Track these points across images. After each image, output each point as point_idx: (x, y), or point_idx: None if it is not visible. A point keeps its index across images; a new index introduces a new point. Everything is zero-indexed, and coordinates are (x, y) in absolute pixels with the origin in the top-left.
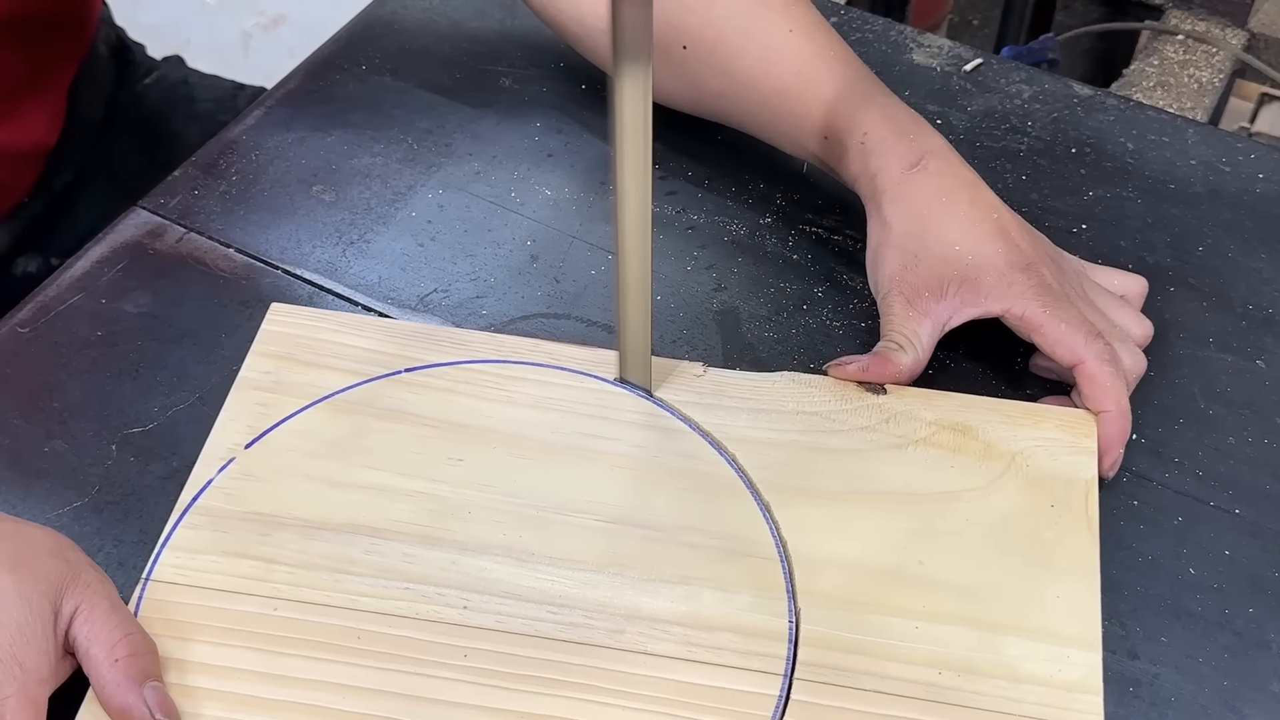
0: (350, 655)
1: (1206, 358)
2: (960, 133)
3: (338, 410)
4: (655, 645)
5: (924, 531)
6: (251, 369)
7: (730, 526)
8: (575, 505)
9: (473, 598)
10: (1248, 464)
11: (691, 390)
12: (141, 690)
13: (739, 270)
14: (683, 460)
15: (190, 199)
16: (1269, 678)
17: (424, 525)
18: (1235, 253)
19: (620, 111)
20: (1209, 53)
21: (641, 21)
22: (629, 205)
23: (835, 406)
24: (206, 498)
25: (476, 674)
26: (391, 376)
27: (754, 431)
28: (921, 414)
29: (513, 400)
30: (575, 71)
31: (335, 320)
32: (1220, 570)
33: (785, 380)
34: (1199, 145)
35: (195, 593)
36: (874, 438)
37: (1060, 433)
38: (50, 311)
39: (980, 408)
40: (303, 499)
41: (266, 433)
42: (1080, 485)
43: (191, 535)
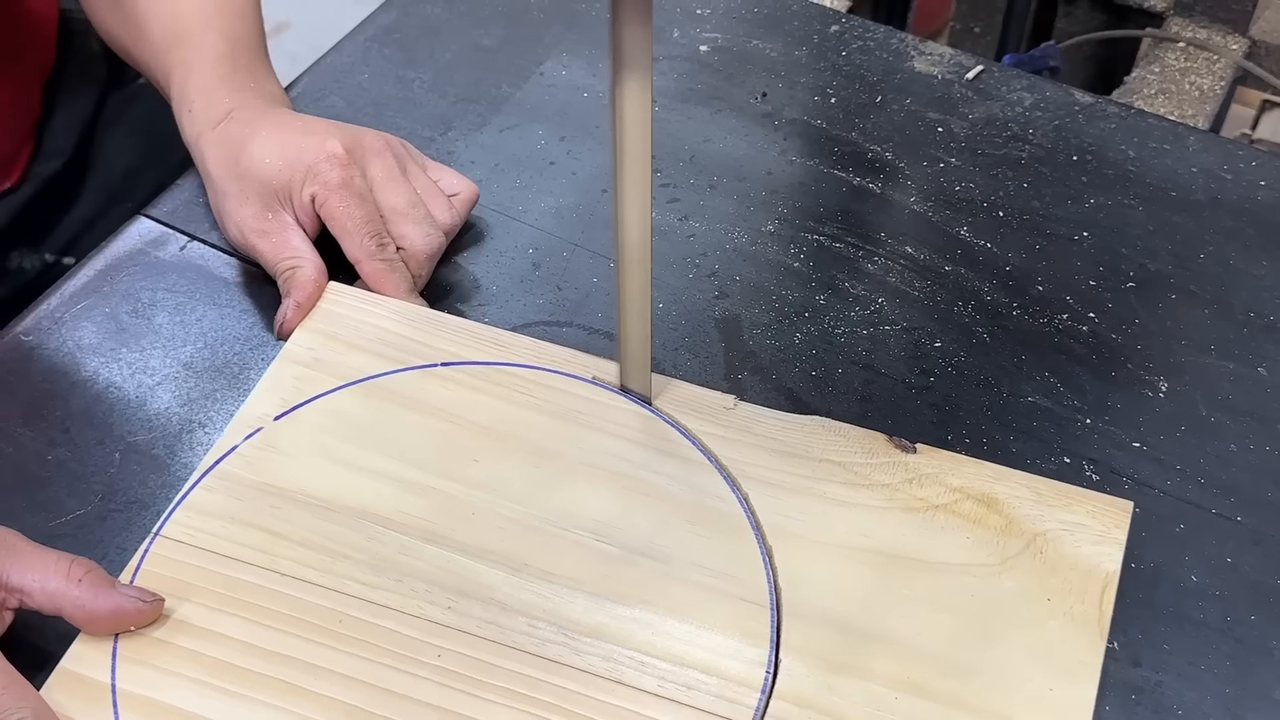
0: (330, 639)
1: (1208, 365)
2: (961, 140)
3: (369, 395)
4: (628, 675)
5: (925, 602)
6: (296, 343)
7: (729, 567)
8: (580, 523)
9: (459, 600)
10: (1250, 471)
11: (719, 423)
12: (117, 589)
13: (740, 278)
14: (695, 494)
15: (193, 208)
16: (1271, 685)
17: (428, 521)
18: (1237, 260)
19: (621, 121)
20: (1210, 60)
21: (641, 40)
22: (630, 213)
23: (860, 459)
24: (228, 463)
25: (446, 675)
26: (427, 369)
27: (773, 474)
28: (948, 479)
29: (540, 408)
30: (577, 80)
31: (386, 307)
32: (1222, 577)
33: (815, 425)
34: (1200, 153)
35: (198, 554)
36: (894, 497)
37: (1091, 519)
38: (53, 319)
39: (1011, 481)
40: (318, 477)
41: (297, 407)
42: (1099, 578)
43: (206, 498)
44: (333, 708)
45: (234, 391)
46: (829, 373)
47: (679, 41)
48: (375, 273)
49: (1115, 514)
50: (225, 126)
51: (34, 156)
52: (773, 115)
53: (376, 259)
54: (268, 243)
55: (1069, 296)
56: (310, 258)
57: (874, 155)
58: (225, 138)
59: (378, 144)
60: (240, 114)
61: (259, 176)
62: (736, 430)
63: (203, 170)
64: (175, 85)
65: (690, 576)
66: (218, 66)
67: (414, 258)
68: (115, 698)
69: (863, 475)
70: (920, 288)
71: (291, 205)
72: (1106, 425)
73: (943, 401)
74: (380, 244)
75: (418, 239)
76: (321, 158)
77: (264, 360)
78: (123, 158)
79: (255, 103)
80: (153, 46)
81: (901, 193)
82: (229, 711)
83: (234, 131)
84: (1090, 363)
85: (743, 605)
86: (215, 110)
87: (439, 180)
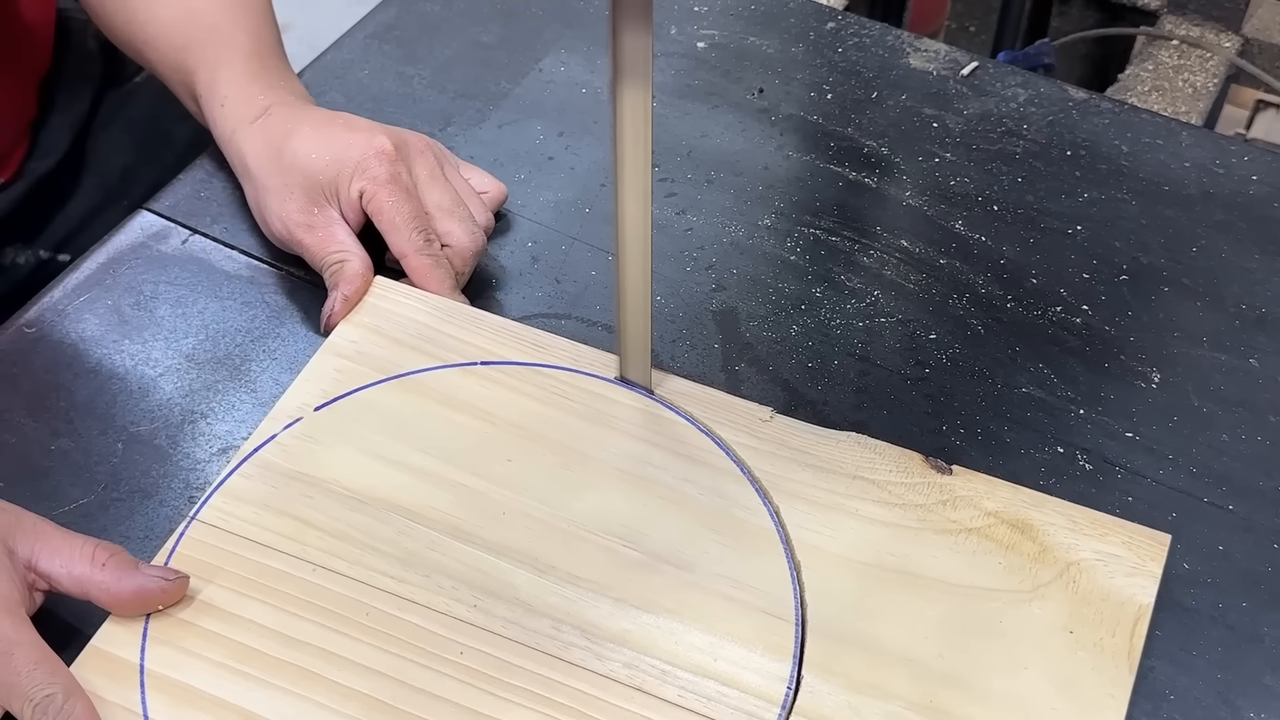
0: (354, 629)
1: (1200, 356)
2: (956, 136)
3: (408, 390)
4: (649, 684)
5: (951, 625)
6: (340, 335)
7: (755, 579)
8: (609, 527)
9: (484, 599)
10: (1241, 461)
11: (754, 434)
12: (141, 570)
13: (738, 271)
14: (726, 504)
15: (195, 201)
16: (1262, 671)
17: (458, 518)
18: (1229, 253)
19: (621, 122)
20: (1203, 58)
21: (642, 46)
22: (629, 207)
23: (895, 478)
24: (266, 451)
25: (467, 673)
26: (466, 366)
27: (805, 489)
28: (983, 502)
29: (575, 411)
30: (575, 76)
31: (430, 303)
32: (1214, 565)
33: (851, 441)
34: (1193, 147)
35: (231, 539)
36: (927, 518)
37: (1127, 550)
38: (56, 312)
39: (1047, 508)
40: (353, 469)
41: (337, 399)
42: (1132, 610)
43: (243, 484)
44: (352, 698)
45: (235, 383)
46: (825, 364)
47: (676, 38)
48: (421, 267)
49: (1151, 546)
50: (264, 122)
51: (29, 153)
52: (769, 111)
53: (423, 254)
54: (314, 237)
55: (1063, 289)
56: (357, 252)
57: (870, 150)
58: (265, 133)
59: (420, 144)
60: (278, 110)
61: (304, 171)
62: (771, 443)
63: (240, 165)
64: (201, 82)
65: (716, 587)
66: (247, 63)
67: (459, 255)
68: (143, 677)
69: (896, 494)
70: (915, 281)
71: (337, 200)
72: (1099, 416)
73: (937, 393)
74: (427, 239)
75: (463, 236)
76: (370, 154)
77: (265, 352)
78: (118, 155)
79: (291, 99)
80: (169, 44)
81: (897, 187)
82: (251, 696)
83: (274, 127)
84: (1083, 354)
85: (767, 619)
86: (252, 106)
87: (469, 179)
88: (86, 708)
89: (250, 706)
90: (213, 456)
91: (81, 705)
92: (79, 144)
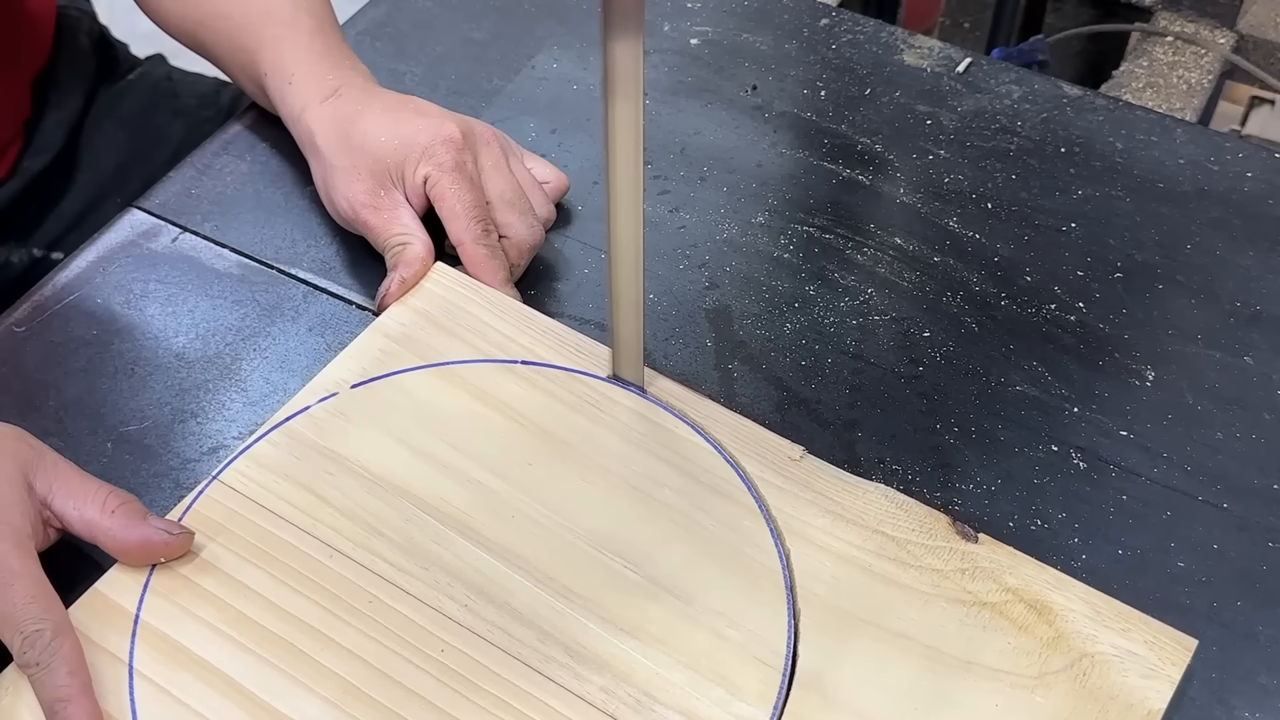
0: (345, 611)
1: (1195, 354)
2: (950, 133)
3: (445, 379)
4: (622, 712)
5: (945, 701)
6: (390, 316)
7: (752, 622)
8: (615, 547)
9: (476, 599)
10: (1235, 459)
11: (780, 471)
12: (148, 521)
13: (731, 269)
14: (737, 540)
15: (185, 199)
16: (1257, 669)
17: (468, 515)
18: (1223, 250)
19: (612, 131)
20: (1198, 54)
21: (632, 59)
22: (621, 205)
23: (917, 538)
24: (297, 422)
25: (444, 672)
26: (506, 364)
27: (821, 535)
28: (1004, 576)
29: (604, 423)
30: (568, 73)
31: (483, 295)
32: (1208, 564)
33: (878, 493)
34: (1187, 144)
35: (247, 504)
36: (942, 584)
37: (1148, 650)
38: (46, 311)
39: (1070, 592)
40: (377, 452)
41: (375, 379)
42: (1139, 715)
43: (268, 451)
44: (330, 680)
45: (226, 382)
46: (818, 362)
47: (669, 35)
48: (477, 256)
49: (1174, 649)
50: (334, 102)
51: (23, 151)
52: (763, 108)
53: (480, 243)
54: (379, 218)
55: (1057, 287)
56: (420, 235)
57: (863, 147)
58: (335, 113)
59: (487, 133)
60: (348, 91)
61: (372, 153)
62: (796, 483)
63: (308, 143)
64: (267, 60)
65: (711, 623)
66: (312, 42)
67: (515, 247)
68: (136, 627)
69: (915, 555)
70: (909, 278)
71: (403, 183)
72: (1094, 414)
73: (931, 391)
74: (485, 229)
75: (521, 229)
76: (438, 140)
77: (256, 351)
78: (112, 153)
79: (360, 81)
80: (228, 24)
81: (891, 184)
82: (234, 663)
83: (344, 107)
84: (1078, 352)
85: (756, 664)
86: (322, 86)
87: (532, 169)
88: (73, 648)
89: (231, 673)
90: (203, 456)
91: (69, 645)
92: (72, 141)
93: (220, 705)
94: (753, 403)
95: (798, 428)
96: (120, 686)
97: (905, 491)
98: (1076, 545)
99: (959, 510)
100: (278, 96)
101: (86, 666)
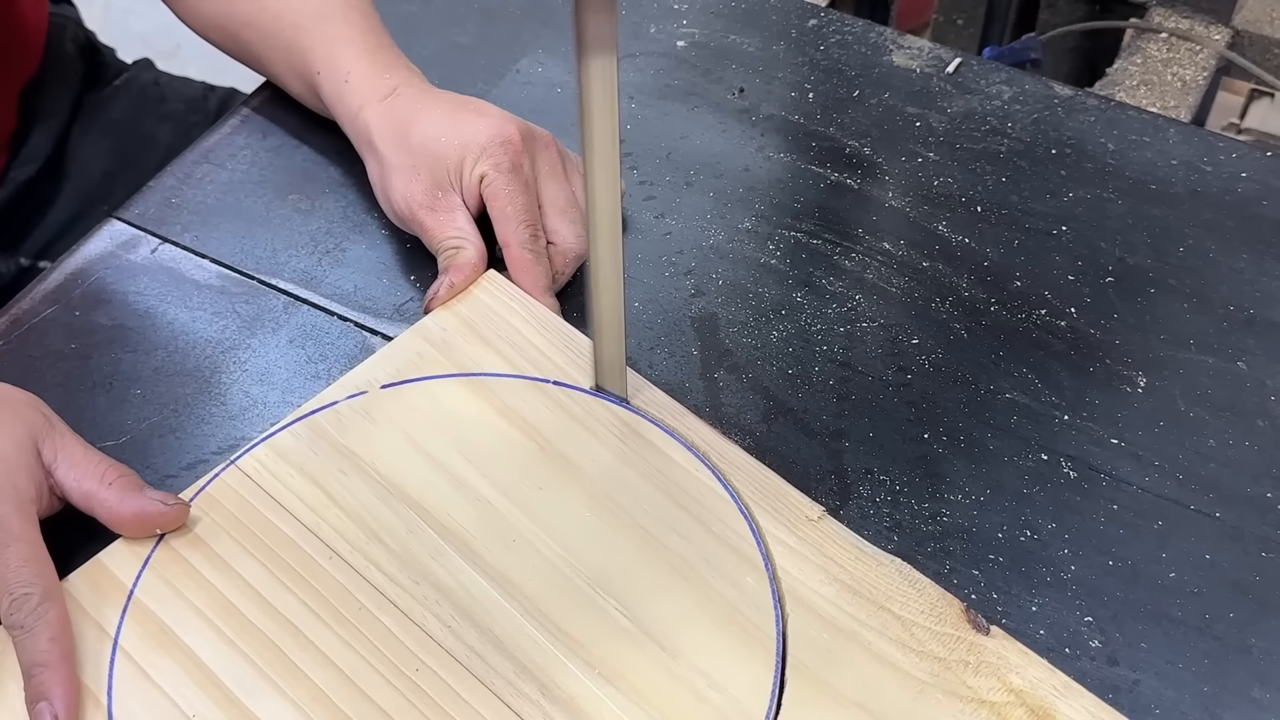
0: (330, 616)
1: (1187, 360)
2: (940, 135)
3: (474, 391)
4: None
5: None
6: (434, 320)
7: (735, 687)
8: (614, 589)
9: (460, 622)
10: (1229, 467)
11: (793, 530)
12: (145, 493)
13: (717, 275)
14: (738, 597)
15: (165, 209)
16: (1250, 683)
17: (470, 534)
18: (1216, 253)
19: (589, 120)
20: (1193, 50)
21: (608, 78)
22: (600, 209)
23: (924, 620)
24: (322, 416)
25: (413, 691)
26: (538, 382)
27: (825, 604)
28: (1010, 676)
29: (625, 457)
30: (553, 77)
31: (529, 309)
32: (1201, 574)
33: (892, 567)
34: (1180, 145)
35: (257, 493)
36: (942, 674)
37: None
38: (24, 325)
39: (1078, 701)
40: (393, 456)
41: (405, 382)
42: None
43: (289, 442)
44: (303, 685)
45: (205, 396)
46: (805, 371)
47: (656, 37)
48: (521, 260)
49: None
50: (392, 101)
51: (10, 162)
52: (750, 111)
53: (527, 248)
54: (434, 219)
55: (1047, 292)
56: (474, 241)
57: (852, 150)
58: (393, 112)
59: (546, 138)
60: (406, 90)
61: (431, 153)
62: (808, 544)
63: (364, 142)
64: (320, 59)
65: (693, 680)
66: (365, 41)
67: (561, 255)
68: (128, 603)
69: (918, 639)
70: (898, 284)
71: (460, 183)
72: (1084, 422)
73: (920, 399)
74: (534, 234)
75: (569, 237)
76: (498, 140)
77: (235, 364)
78: (99, 160)
79: (416, 80)
80: (277, 23)
81: (879, 188)
82: (213, 653)
83: (402, 106)
84: (1068, 358)
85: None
86: (378, 84)
87: None
88: (59, 615)
89: (210, 663)
90: (181, 471)
91: (55, 611)
92: (59, 150)
93: (192, 696)
94: (739, 413)
95: (784, 438)
96: (102, 660)
97: (892, 502)
98: (1066, 556)
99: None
100: (332, 95)
101: (70, 635)
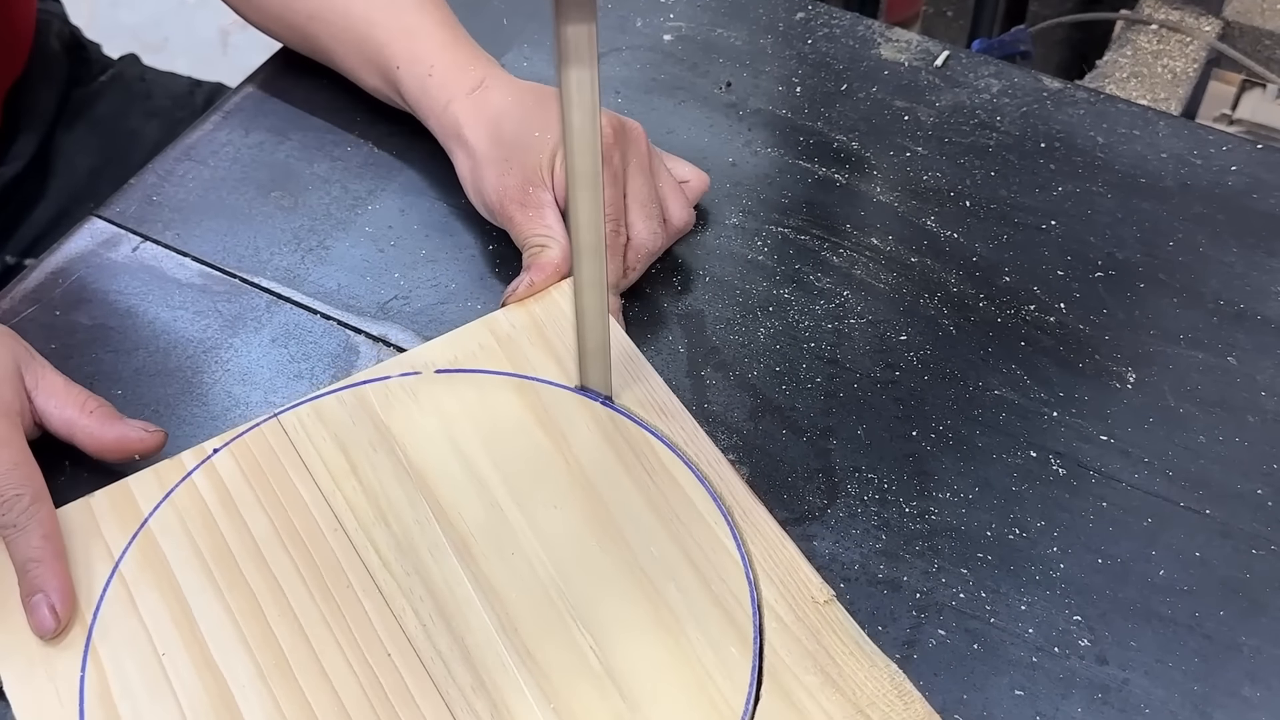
0: (318, 590)
1: (1177, 355)
2: (928, 128)
3: (521, 394)
4: None
5: None
6: (505, 315)
7: None
8: (595, 627)
9: (436, 624)
10: (1219, 463)
11: (794, 608)
12: (124, 421)
13: (704, 272)
14: (717, 665)
15: (146, 207)
16: (1240, 681)
17: (472, 537)
18: (1206, 247)
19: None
20: (1183, 42)
21: (589, 80)
22: (581, 206)
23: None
24: (371, 388)
25: (369, 681)
26: (588, 398)
27: (804, 695)
28: None
29: (648, 493)
30: (539, 71)
31: None
32: (1191, 572)
33: (887, 672)
34: (1170, 138)
35: (288, 450)
36: None
37: None
38: (4, 323)
39: None
40: (424, 443)
41: (459, 370)
42: None
43: (332, 406)
44: (269, 648)
45: (187, 396)
46: (792, 368)
47: (642, 31)
48: None
49: None
50: (482, 94)
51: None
52: (737, 105)
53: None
54: (524, 215)
55: (1036, 287)
56: (561, 240)
57: (840, 145)
58: (483, 105)
59: (637, 131)
60: (494, 83)
61: (524, 146)
62: (805, 627)
63: (453, 135)
64: (399, 53)
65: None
66: (444, 34)
67: (634, 250)
68: (139, 531)
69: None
70: (886, 280)
71: (552, 177)
72: (1073, 418)
73: (908, 396)
74: (615, 229)
75: (644, 233)
76: None
77: (217, 364)
78: (85, 157)
79: (500, 72)
80: (348, 18)
81: (867, 183)
82: (199, 599)
83: (493, 99)
84: (1057, 354)
85: None
86: (465, 77)
87: (672, 169)
88: (50, 514)
89: (193, 606)
90: None
91: (45, 511)
92: (45, 148)
93: (168, 635)
94: (725, 410)
95: (771, 436)
96: (97, 581)
97: (880, 500)
98: (1055, 554)
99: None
100: (416, 88)
101: (60, 535)
